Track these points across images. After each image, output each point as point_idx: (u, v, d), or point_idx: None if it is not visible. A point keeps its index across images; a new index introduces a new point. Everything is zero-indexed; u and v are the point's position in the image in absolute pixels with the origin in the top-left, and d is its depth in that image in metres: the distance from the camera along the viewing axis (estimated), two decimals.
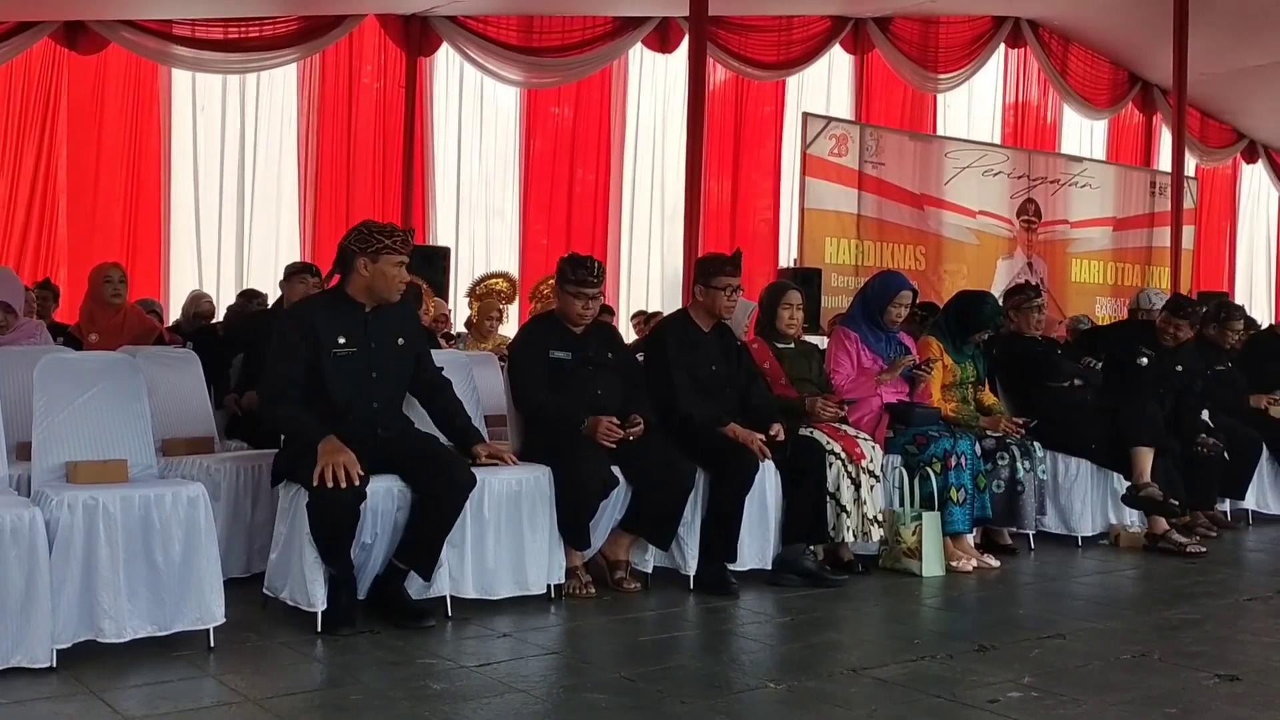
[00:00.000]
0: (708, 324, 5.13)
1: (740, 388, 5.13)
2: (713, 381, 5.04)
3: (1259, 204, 17.36)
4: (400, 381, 4.37)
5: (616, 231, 11.70)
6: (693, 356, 5.01)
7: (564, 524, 4.49)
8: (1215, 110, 15.40)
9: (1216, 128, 15.78)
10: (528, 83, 11.16)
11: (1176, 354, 6.57)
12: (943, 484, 5.45)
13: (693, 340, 5.06)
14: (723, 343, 5.16)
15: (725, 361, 5.12)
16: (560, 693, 3.45)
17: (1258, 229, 17.48)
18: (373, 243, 4.17)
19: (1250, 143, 16.35)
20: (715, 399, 5.00)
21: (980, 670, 3.74)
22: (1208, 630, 4.38)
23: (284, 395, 4.09)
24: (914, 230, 12.50)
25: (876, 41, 12.78)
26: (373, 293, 4.21)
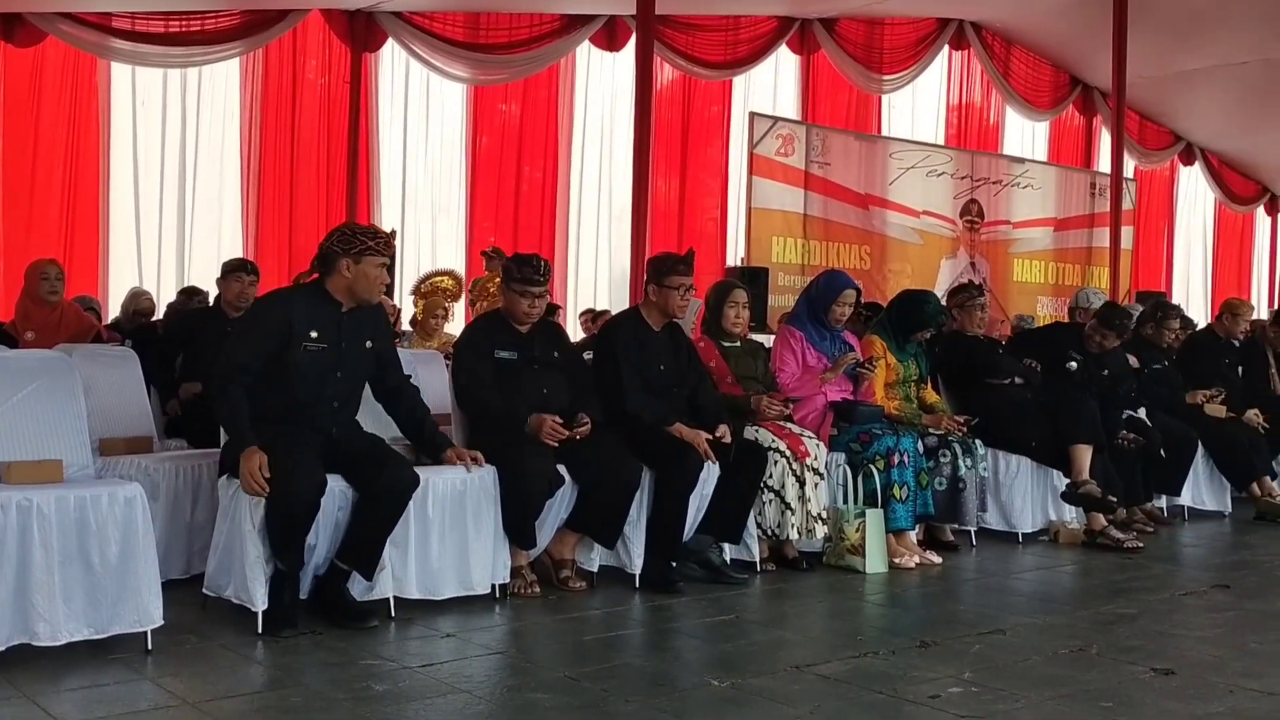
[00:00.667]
0: (659, 323, 5.13)
1: (689, 387, 5.14)
2: (662, 380, 5.05)
3: (1195, 205, 17.68)
4: (361, 382, 4.36)
5: (564, 229, 11.67)
6: (642, 355, 5.02)
7: (509, 523, 4.48)
8: (1154, 113, 15.66)
9: (1155, 130, 16.05)
10: (475, 79, 11.10)
11: (1103, 358, 6.68)
12: (886, 481, 5.50)
13: (643, 339, 5.06)
14: (673, 342, 5.16)
15: (675, 360, 5.13)
16: (504, 693, 3.44)
17: (1194, 230, 17.81)
18: (356, 244, 4.15)
19: (1188, 145, 16.65)
20: (663, 398, 5.00)
21: (922, 666, 3.78)
22: (1144, 625, 4.46)
23: (233, 382, 4.05)
24: (859, 230, 12.60)
25: (822, 42, 12.86)
26: (353, 293, 4.19)
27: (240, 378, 4.05)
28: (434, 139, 11.13)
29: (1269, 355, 7.91)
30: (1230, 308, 7.97)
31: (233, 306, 5.90)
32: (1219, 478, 7.23)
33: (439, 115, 11.17)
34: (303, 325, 4.11)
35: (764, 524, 5.22)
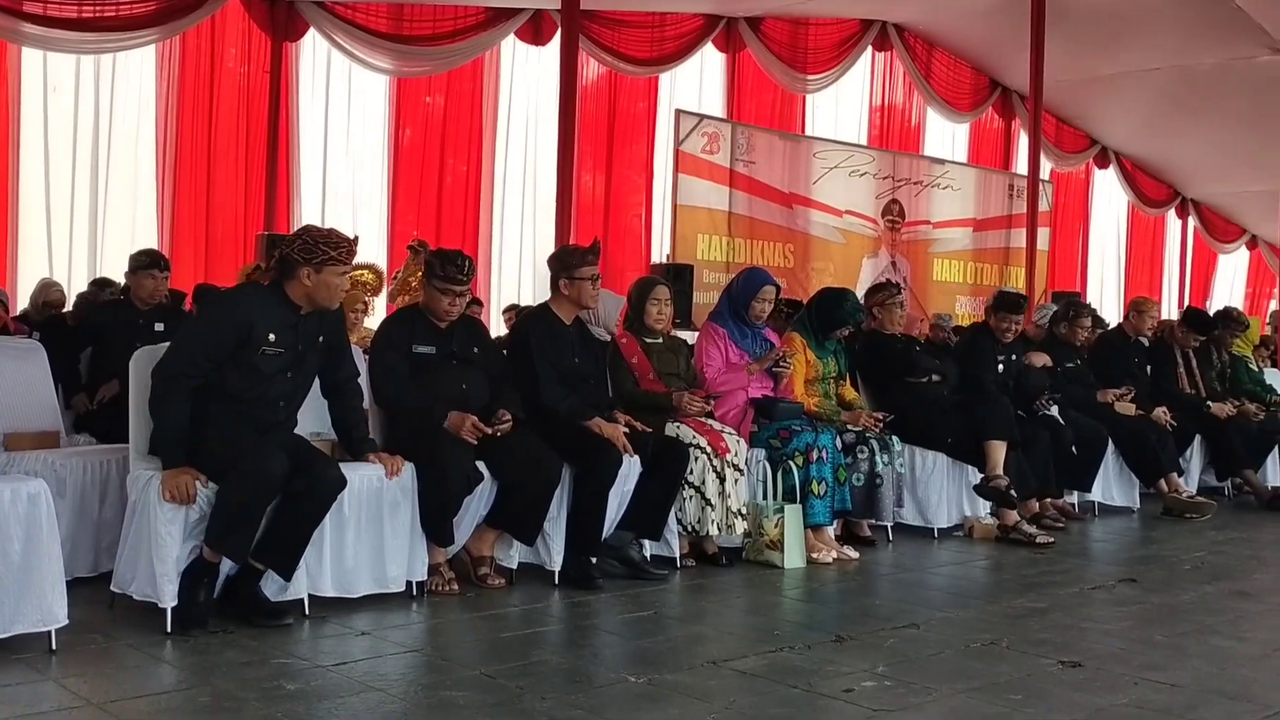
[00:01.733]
0: (569, 316, 5.12)
1: (603, 379, 5.14)
2: (576, 374, 5.04)
3: (1110, 207, 18.08)
4: (307, 382, 4.32)
5: (488, 224, 11.59)
6: (556, 349, 5.00)
7: (427, 520, 4.44)
8: (1070, 116, 15.99)
9: (1071, 133, 16.38)
10: (398, 71, 10.98)
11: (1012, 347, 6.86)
12: (804, 477, 5.56)
13: (556, 333, 5.05)
14: (583, 336, 5.15)
15: (587, 354, 5.12)
16: (418, 691, 3.41)
17: (1108, 232, 18.21)
18: (318, 254, 4.09)
19: (1103, 148, 17.01)
20: (579, 392, 5.00)
21: (837, 660, 3.82)
22: (1053, 618, 4.55)
23: (179, 381, 3.99)
24: (783, 229, 12.68)
25: (748, 41, 12.93)
26: (312, 300, 4.14)
27: (186, 381, 3.99)
28: (356, 131, 10.98)
29: (1177, 354, 8.12)
30: (1136, 306, 8.18)
31: (145, 301, 5.77)
32: (1128, 474, 7.40)
33: (361, 107, 11.02)
34: (262, 328, 4.06)
35: (684, 520, 5.24)
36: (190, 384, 4.00)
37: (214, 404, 4.02)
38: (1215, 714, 3.36)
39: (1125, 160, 17.42)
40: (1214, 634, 4.34)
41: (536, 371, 4.91)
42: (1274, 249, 18.34)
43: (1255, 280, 20.39)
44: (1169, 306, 17.51)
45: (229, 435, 3.97)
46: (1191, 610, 4.75)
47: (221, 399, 4.04)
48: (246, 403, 4.08)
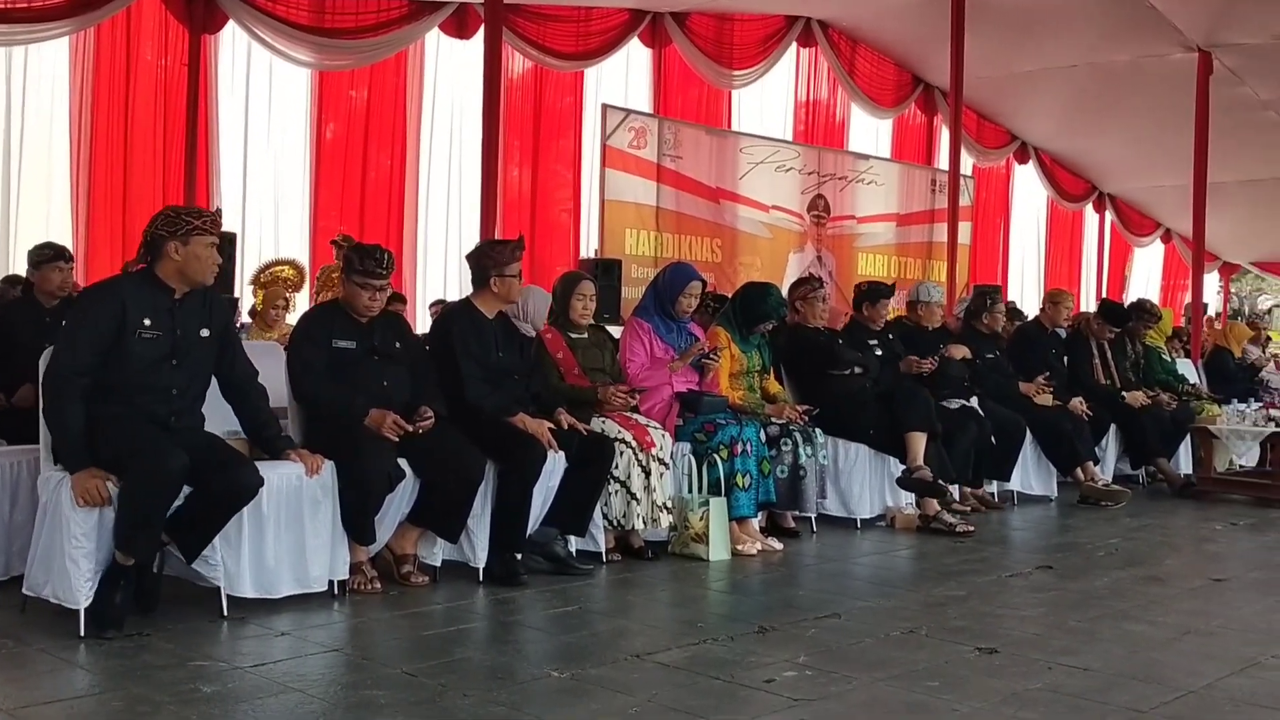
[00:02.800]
0: (492, 311, 5.09)
1: (528, 374, 5.13)
2: (500, 370, 5.02)
3: (1030, 202, 18.40)
4: (201, 372, 4.22)
5: (413, 219, 11.48)
6: (480, 345, 4.98)
7: (348, 519, 4.40)
8: (991, 112, 16.23)
9: (992, 129, 16.63)
10: (319, 64, 10.81)
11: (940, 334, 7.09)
12: (729, 470, 5.60)
13: (479, 328, 5.02)
14: (506, 331, 5.13)
15: (511, 349, 5.10)
16: (338, 691, 3.38)
17: (1028, 226, 18.53)
18: (182, 225, 4.04)
19: (1022, 144, 17.29)
20: (503, 388, 4.98)
21: (759, 651, 3.85)
22: (971, 606, 4.63)
23: (69, 387, 3.91)
24: (710, 223, 12.73)
25: (674, 36, 12.94)
26: (185, 276, 4.07)
27: (77, 381, 3.91)
28: (277, 125, 10.80)
29: (1092, 346, 8.30)
30: (1051, 297, 8.37)
31: (51, 296, 5.62)
32: (1046, 463, 7.56)
33: (282, 101, 10.85)
34: (135, 313, 3.98)
35: (610, 514, 5.25)
36: (81, 384, 3.92)
37: (107, 403, 3.94)
38: (1126, 697, 3.44)
39: (1044, 156, 17.73)
40: (1126, 619, 4.45)
41: (460, 368, 4.89)
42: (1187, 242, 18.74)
43: (1170, 273, 20.89)
44: (1087, 299, 17.87)
45: (126, 433, 3.89)
46: (1105, 596, 4.86)
47: (114, 397, 3.95)
48: (138, 396, 4.00)
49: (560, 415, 5.03)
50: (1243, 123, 14.45)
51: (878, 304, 7.01)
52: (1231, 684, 3.59)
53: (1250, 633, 4.23)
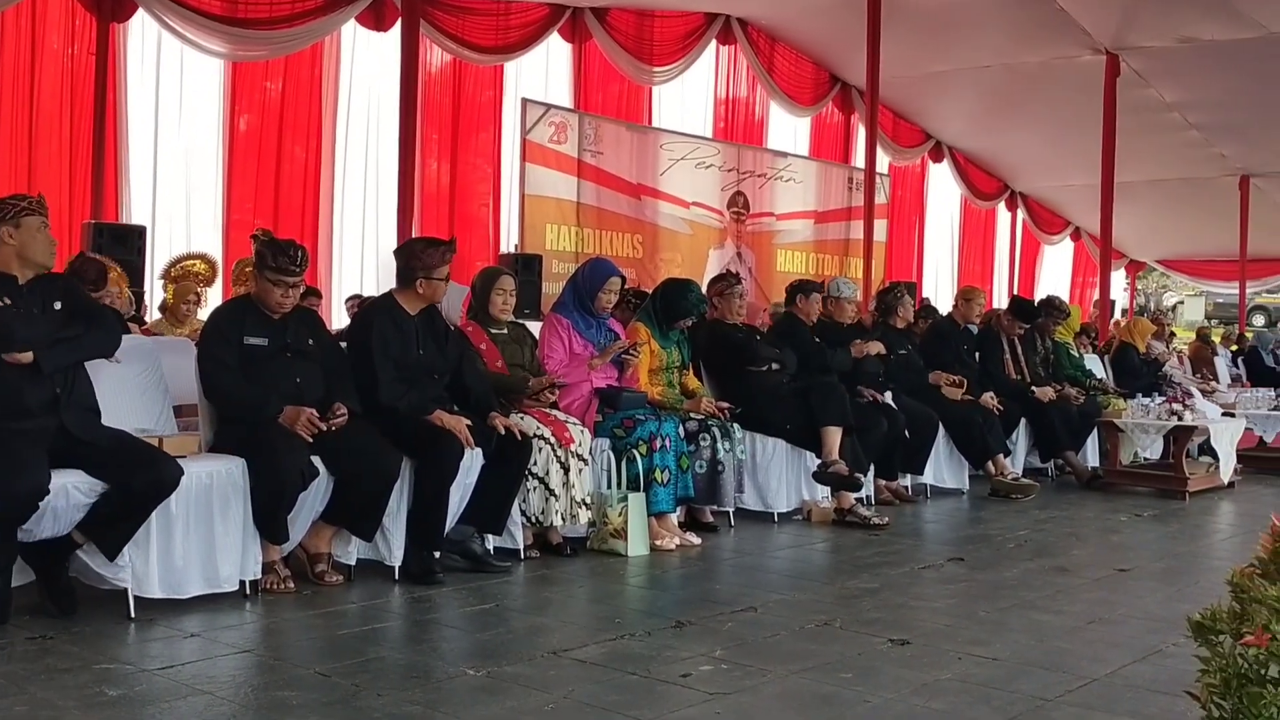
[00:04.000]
0: (415, 308, 5.04)
1: (449, 372, 5.08)
2: (419, 367, 4.96)
3: (944, 200, 18.72)
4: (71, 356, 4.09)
5: (329, 213, 11.32)
6: (400, 343, 4.92)
7: (260, 517, 4.33)
8: (906, 112, 16.48)
9: (908, 128, 16.89)
10: (232, 55, 10.61)
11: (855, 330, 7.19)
12: (648, 465, 5.61)
13: (400, 325, 4.97)
14: (432, 327, 5.07)
15: (434, 345, 5.04)
16: (248, 692, 3.32)
17: (943, 223, 18.86)
18: (8, 209, 3.98)
19: (937, 143, 17.59)
20: (420, 386, 4.92)
21: (676, 646, 3.87)
22: (885, 598, 4.70)
23: None
24: (631, 219, 12.77)
25: (594, 31, 12.94)
26: (25, 259, 3.99)
27: None
28: (189, 116, 10.58)
29: (1003, 341, 8.47)
30: (964, 294, 8.53)
31: None
32: (958, 457, 7.70)
33: (194, 91, 10.62)
34: None
35: (528, 511, 5.24)
36: None
37: None
38: (1033, 685, 3.52)
39: (958, 154, 18.05)
40: (1034, 609, 4.55)
41: (375, 367, 4.82)
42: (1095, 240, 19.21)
43: (1079, 270, 21.40)
44: (999, 295, 18.22)
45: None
46: (1014, 586, 4.97)
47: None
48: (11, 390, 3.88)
49: (495, 419, 4.98)
50: (1149, 124, 14.85)
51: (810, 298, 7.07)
52: (1134, 671, 3.69)
53: (1153, 621, 4.34)
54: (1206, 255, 21.24)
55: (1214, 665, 2.50)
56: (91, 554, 3.96)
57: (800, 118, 15.67)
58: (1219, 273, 21.76)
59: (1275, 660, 2.41)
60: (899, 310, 7.75)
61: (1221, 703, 2.46)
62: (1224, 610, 2.56)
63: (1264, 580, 2.53)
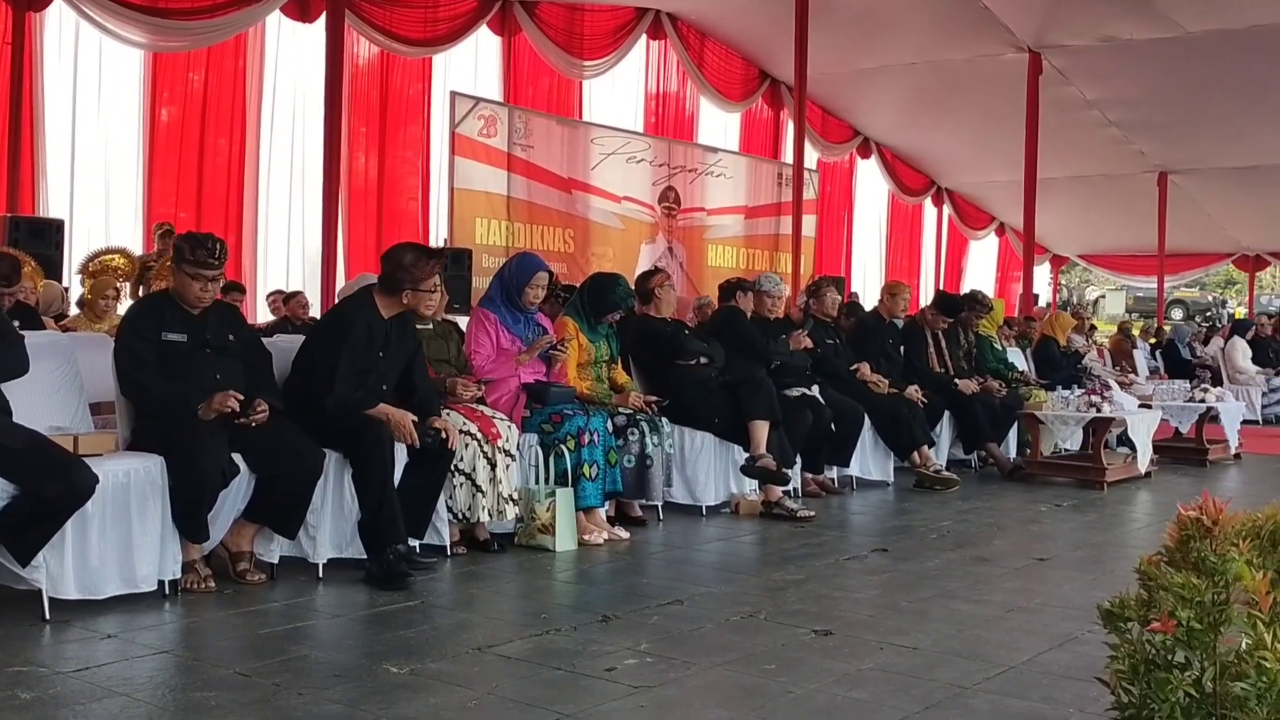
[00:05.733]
0: (390, 312, 4.95)
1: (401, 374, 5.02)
2: (375, 370, 4.89)
3: (872, 196, 18.94)
4: None
5: (253, 206, 11.17)
6: (365, 343, 4.84)
7: (179, 516, 4.26)
8: (834, 108, 16.64)
9: (836, 124, 17.06)
10: (153, 45, 10.41)
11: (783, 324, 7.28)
12: (576, 460, 5.61)
13: (371, 327, 4.88)
14: (400, 333, 4.99)
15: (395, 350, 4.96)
16: (166, 694, 3.27)
17: (871, 219, 19.08)
18: None
19: (865, 139, 17.79)
20: (367, 386, 4.84)
21: (601, 640, 3.88)
22: (809, 589, 4.75)
23: None
24: (562, 213, 12.74)
25: (523, 25, 12.89)
26: None
27: None
28: (108, 107, 10.38)
29: (927, 335, 8.59)
30: (889, 289, 8.64)
31: None
32: (883, 449, 7.79)
33: (114, 82, 10.42)
34: None
35: (455, 507, 5.20)
36: None
37: None
38: (952, 674, 3.58)
39: (886, 151, 18.27)
40: (955, 598, 4.62)
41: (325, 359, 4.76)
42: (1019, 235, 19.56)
43: (1004, 264, 21.76)
44: (927, 290, 18.48)
45: None
46: (936, 576, 5.05)
47: None
48: None
49: (435, 423, 4.92)
50: (1071, 121, 15.14)
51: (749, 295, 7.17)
52: (1050, 658, 3.77)
53: (1069, 609, 4.43)
54: (1127, 250, 21.71)
55: (1123, 651, 2.57)
56: (4, 555, 3.88)
57: (730, 113, 15.76)
58: (1139, 267, 22.26)
59: (1181, 646, 2.48)
60: (815, 303, 7.83)
61: (1130, 688, 2.53)
62: (1132, 598, 2.63)
63: (1170, 568, 2.60)
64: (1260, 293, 26.40)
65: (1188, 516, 2.59)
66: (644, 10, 14.03)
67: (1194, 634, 2.44)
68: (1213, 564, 2.47)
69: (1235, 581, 2.45)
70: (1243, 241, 21.36)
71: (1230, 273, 28.57)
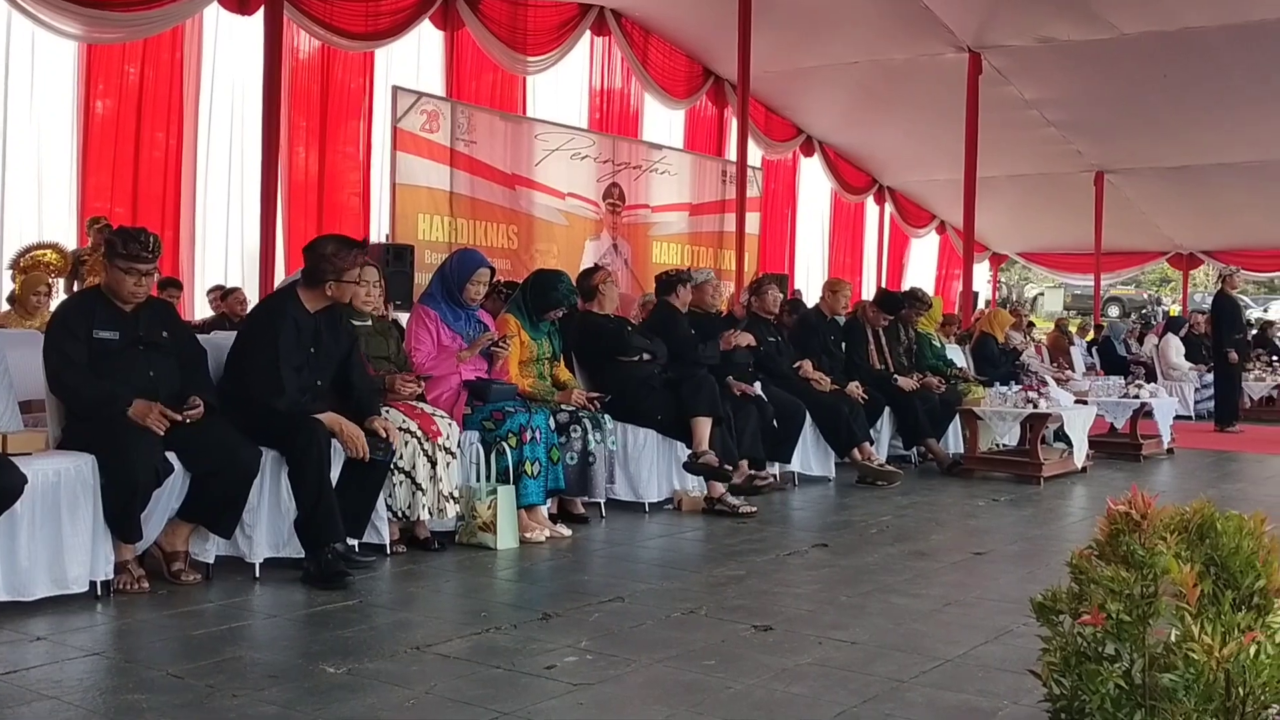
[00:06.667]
0: (316, 306, 4.89)
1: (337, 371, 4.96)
2: (308, 367, 4.84)
3: (816, 194, 19.06)
4: None
5: (190, 201, 10.99)
6: (293, 341, 4.77)
7: (111, 516, 4.19)
8: (778, 106, 16.72)
9: (780, 122, 17.14)
10: (88, 37, 10.21)
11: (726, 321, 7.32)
12: (518, 458, 5.59)
13: (298, 325, 4.81)
14: (330, 328, 4.93)
15: (327, 346, 4.90)
16: (97, 696, 3.21)
17: (814, 216, 19.20)
18: None
19: (808, 137, 17.89)
20: (305, 384, 4.79)
21: (542, 638, 3.87)
22: (750, 584, 4.77)
23: None
24: (506, 210, 12.68)
25: (466, 20, 12.81)
26: None
27: None
28: (41, 100, 10.16)
29: (868, 332, 8.66)
30: (830, 286, 8.70)
31: None
32: (825, 445, 7.84)
33: (47, 74, 10.20)
34: None
35: (394, 505, 5.16)
36: None
37: None
38: (889, 667, 3.61)
39: (829, 149, 18.38)
40: (893, 592, 4.67)
41: (263, 361, 4.69)
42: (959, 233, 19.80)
43: (944, 262, 22.00)
44: (869, 287, 18.62)
45: None
46: (875, 571, 5.09)
47: None
48: None
49: (374, 423, 4.87)
50: (1010, 121, 15.33)
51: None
52: (985, 651, 3.82)
53: (1005, 602, 4.49)
54: (1064, 248, 22.03)
55: (1054, 644, 2.61)
56: None
57: (675, 110, 15.77)
58: (1076, 265, 22.59)
59: (1111, 638, 2.52)
60: (765, 300, 7.87)
61: (1061, 680, 2.57)
62: (1064, 591, 2.67)
63: (1101, 562, 2.64)
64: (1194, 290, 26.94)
65: (1117, 511, 2.64)
66: (588, 6, 14.00)
67: (1123, 626, 2.48)
68: (1141, 557, 2.52)
69: (1163, 574, 2.50)
70: (1176, 240, 21.76)
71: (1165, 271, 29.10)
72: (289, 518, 4.71)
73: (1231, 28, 12.47)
